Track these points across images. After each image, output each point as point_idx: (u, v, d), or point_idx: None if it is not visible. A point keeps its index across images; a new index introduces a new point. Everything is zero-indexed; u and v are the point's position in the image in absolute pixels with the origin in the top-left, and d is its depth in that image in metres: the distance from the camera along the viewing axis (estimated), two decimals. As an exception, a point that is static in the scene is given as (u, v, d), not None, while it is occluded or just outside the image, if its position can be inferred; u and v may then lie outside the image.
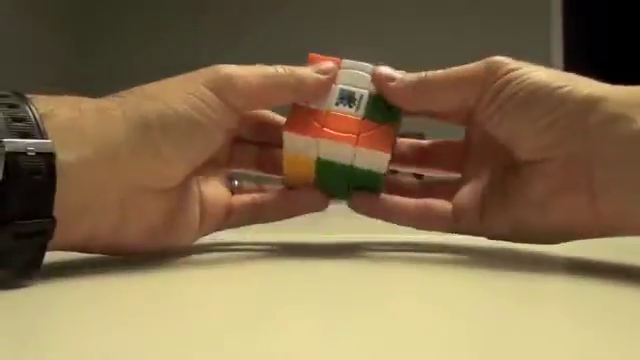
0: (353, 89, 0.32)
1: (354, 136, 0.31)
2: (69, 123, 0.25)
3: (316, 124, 0.31)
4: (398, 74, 0.32)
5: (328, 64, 0.32)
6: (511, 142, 0.30)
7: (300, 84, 0.31)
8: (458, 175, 0.35)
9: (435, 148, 0.36)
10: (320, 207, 0.34)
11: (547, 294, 0.24)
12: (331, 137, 0.31)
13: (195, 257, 0.32)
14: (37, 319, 0.19)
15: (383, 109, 0.32)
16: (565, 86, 0.28)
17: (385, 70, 0.33)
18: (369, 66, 0.33)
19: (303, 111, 0.32)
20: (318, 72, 0.32)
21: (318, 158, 0.32)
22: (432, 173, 0.36)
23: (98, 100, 0.28)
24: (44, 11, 2.75)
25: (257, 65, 0.31)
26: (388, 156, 0.31)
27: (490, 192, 0.32)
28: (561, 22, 2.75)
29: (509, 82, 0.29)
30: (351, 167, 0.32)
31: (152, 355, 0.15)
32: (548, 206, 0.29)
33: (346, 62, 0.33)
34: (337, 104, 0.32)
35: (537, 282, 0.26)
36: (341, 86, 0.32)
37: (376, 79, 0.33)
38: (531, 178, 0.29)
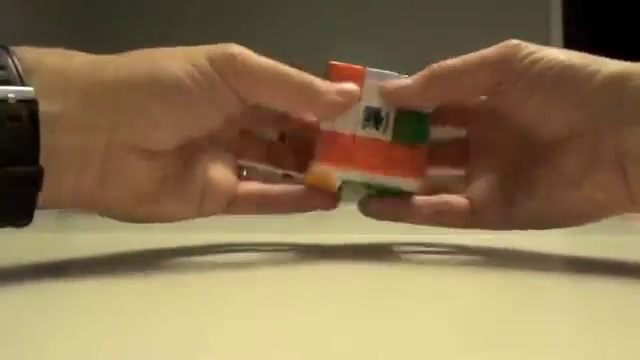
0: (378, 106, 0.31)
1: (382, 167, 0.31)
2: (55, 74, 0.25)
3: (344, 153, 0.30)
4: (404, 79, 0.31)
5: (351, 87, 0.30)
6: (539, 121, 0.30)
7: (311, 95, 0.30)
8: (460, 173, 0.35)
9: (438, 147, 0.36)
10: (329, 206, 0.33)
11: (557, 293, 0.24)
12: (362, 170, 0.30)
13: (196, 259, 0.32)
14: (37, 320, 0.19)
15: (411, 126, 0.31)
16: (591, 65, 0.28)
17: (391, 84, 0.31)
18: (395, 74, 0.31)
19: (330, 136, 0.31)
20: (338, 93, 0.30)
21: (344, 181, 0.31)
22: (437, 172, 0.36)
23: (91, 55, 0.27)
24: (44, 10, 2.74)
25: (272, 60, 0.29)
26: (420, 182, 0.31)
27: (512, 183, 0.32)
28: (561, 20, 2.75)
29: (536, 62, 0.29)
30: (381, 185, 0.31)
31: (159, 357, 0.15)
32: (583, 182, 0.29)
33: (371, 71, 0.31)
34: (364, 127, 0.31)
35: (549, 279, 0.26)
36: (366, 104, 0.31)
37: (387, 96, 0.31)
38: (561, 157, 0.29)
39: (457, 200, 0.33)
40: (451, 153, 0.35)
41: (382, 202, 0.33)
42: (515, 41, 0.30)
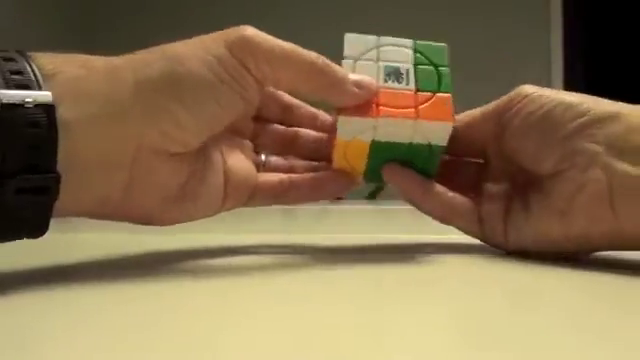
0: (397, 64, 0.31)
1: (412, 110, 0.30)
2: (74, 81, 0.24)
3: (371, 103, 0.30)
4: None
5: (369, 80, 0.30)
6: (535, 158, 0.31)
7: (334, 82, 0.29)
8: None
9: (453, 163, 0.36)
10: (348, 190, 0.33)
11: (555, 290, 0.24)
12: (390, 114, 0.30)
13: (197, 261, 0.32)
14: (36, 321, 0.19)
15: (432, 78, 0.31)
16: (583, 103, 0.29)
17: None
18: (407, 41, 0.32)
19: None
20: (357, 86, 0.30)
21: (373, 141, 0.31)
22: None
23: (109, 59, 0.27)
24: (44, 10, 2.74)
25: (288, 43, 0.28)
26: (450, 125, 0.31)
27: (513, 208, 0.32)
28: (561, 22, 2.75)
29: (530, 102, 0.31)
30: (409, 145, 0.31)
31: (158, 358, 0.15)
32: (570, 212, 0.29)
33: (384, 39, 0.32)
34: (386, 81, 0.31)
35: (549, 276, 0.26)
36: (384, 63, 0.31)
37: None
38: (553, 187, 0.30)
39: (470, 203, 0.33)
40: (465, 173, 0.35)
41: (403, 169, 0.32)
42: (521, 87, 0.32)
